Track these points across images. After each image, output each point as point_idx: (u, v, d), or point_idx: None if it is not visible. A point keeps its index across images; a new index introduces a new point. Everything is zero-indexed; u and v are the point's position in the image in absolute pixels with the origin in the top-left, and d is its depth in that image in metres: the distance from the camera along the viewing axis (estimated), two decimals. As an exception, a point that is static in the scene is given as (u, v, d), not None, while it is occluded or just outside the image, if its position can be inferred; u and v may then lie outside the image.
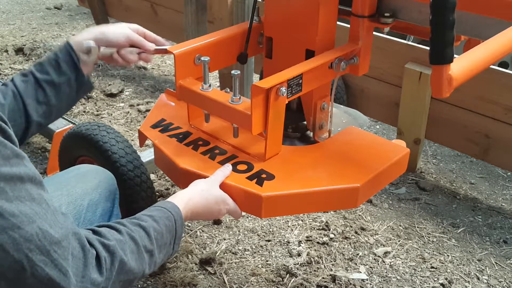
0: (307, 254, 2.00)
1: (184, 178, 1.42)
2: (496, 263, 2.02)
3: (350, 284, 1.87)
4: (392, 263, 2.00)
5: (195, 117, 1.60)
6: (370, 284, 1.90)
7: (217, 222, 2.16)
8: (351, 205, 1.40)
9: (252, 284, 1.87)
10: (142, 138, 1.61)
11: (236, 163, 1.42)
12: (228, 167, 1.37)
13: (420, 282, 1.92)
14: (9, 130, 0.90)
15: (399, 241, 2.11)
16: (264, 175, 1.37)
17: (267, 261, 1.98)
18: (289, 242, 2.07)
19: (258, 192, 1.31)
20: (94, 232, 1.00)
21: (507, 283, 1.93)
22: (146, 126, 1.62)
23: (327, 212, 2.22)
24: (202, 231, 2.12)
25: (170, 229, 1.14)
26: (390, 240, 2.11)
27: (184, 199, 1.23)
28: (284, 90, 1.31)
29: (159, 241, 1.11)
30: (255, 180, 1.35)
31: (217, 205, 1.30)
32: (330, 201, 1.37)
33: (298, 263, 1.96)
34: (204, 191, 1.28)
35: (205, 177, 1.36)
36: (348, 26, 1.48)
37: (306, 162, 1.45)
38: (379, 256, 2.02)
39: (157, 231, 1.10)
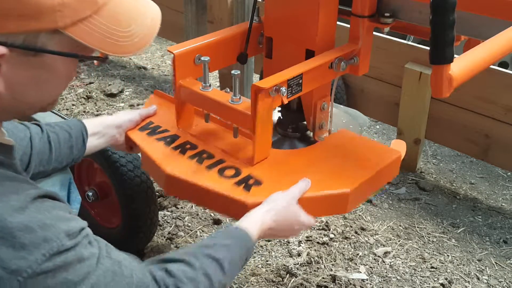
0: (307, 254, 2.00)
1: (170, 184, 1.39)
2: (496, 263, 2.02)
3: (350, 284, 1.87)
4: (392, 263, 2.00)
5: (183, 120, 1.57)
6: (370, 284, 1.90)
7: (217, 222, 2.16)
8: (341, 210, 1.37)
9: (252, 284, 1.87)
10: (129, 141, 1.57)
11: (224, 168, 1.39)
12: (306, 181, 1.31)
13: (420, 282, 1.92)
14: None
15: (399, 241, 2.11)
16: (251, 181, 1.34)
17: (267, 261, 1.98)
18: (289, 242, 2.07)
19: (244, 200, 1.28)
20: (167, 272, 1.02)
21: (507, 283, 1.93)
22: (134, 129, 1.58)
23: (327, 212, 2.22)
24: (202, 231, 2.12)
25: (242, 257, 1.14)
26: (390, 240, 2.11)
27: (257, 223, 1.20)
28: (284, 90, 1.31)
29: (232, 272, 1.11)
30: (242, 185, 1.32)
31: (290, 226, 1.27)
32: (319, 206, 1.33)
33: (298, 263, 1.96)
34: (278, 213, 1.23)
35: (190, 183, 1.33)
36: (348, 26, 1.48)
37: (295, 166, 1.42)
38: (379, 256, 2.03)
39: (231, 263, 1.10)
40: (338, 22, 1.49)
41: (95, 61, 0.98)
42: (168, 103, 1.68)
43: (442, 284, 1.90)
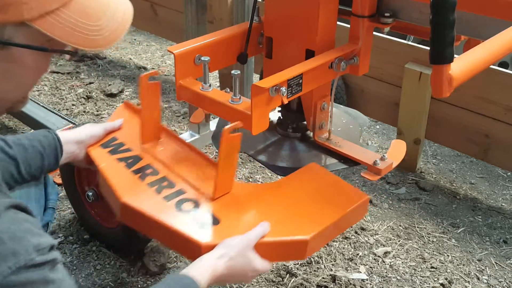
0: (307, 254, 2.00)
1: (125, 213, 1.33)
2: (496, 263, 2.02)
3: (350, 284, 1.87)
4: (392, 263, 2.00)
5: (148, 139, 1.50)
6: (370, 284, 1.90)
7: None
8: (299, 257, 1.32)
9: (252, 284, 1.87)
10: (89, 157, 1.49)
11: (183, 200, 1.33)
12: (264, 226, 1.25)
13: (420, 282, 1.92)
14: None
15: (399, 241, 2.11)
16: (209, 219, 1.28)
17: (267, 261, 1.98)
18: (289, 242, 2.07)
19: (199, 240, 1.21)
20: None
21: (507, 283, 1.93)
22: (96, 145, 1.51)
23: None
24: (202, 231, 2.12)
25: None
26: (390, 240, 2.11)
27: (208, 270, 1.15)
28: (284, 90, 1.31)
29: None
30: (199, 223, 1.26)
31: (243, 273, 1.22)
32: (276, 252, 1.27)
33: (298, 263, 1.96)
34: (231, 260, 1.18)
35: (145, 215, 1.27)
36: (348, 26, 1.48)
37: (257, 205, 1.35)
38: (379, 256, 2.03)
39: None
40: (338, 22, 1.49)
41: (66, 56, 0.97)
42: (137, 116, 1.61)
43: (442, 284, 1.90)
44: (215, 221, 1.27)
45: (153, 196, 1.33)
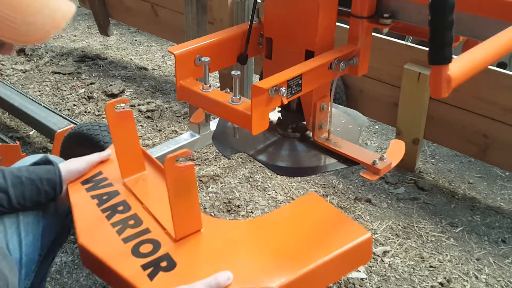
0: (307, 254, 2.01)
1: (83, 255, 1.25)
2: (494, 262, 2.03)
3: (349, 283, 1.88)
4: (391, 262, 2.01)
5: (128, 173, 1.42)
6: (369, 283, 1.91)
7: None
8: None
9: (252, 283, 1.88)
10: (67, 198, 1.39)
11: (143, 241, 1.21)
12: (218, 278, 1.07)
13: (419, 281, 1.93)
14: None
15: (398, 240, 2.12)
16: (164, 263, 1.14)
17: (267, 260, 1.99)
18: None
19: None
20: None
21: (505, 282, 1.94)
22: (77, 180, 1.43)
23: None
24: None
25: None
26: (389, 239, 2.12)
27: None
28: (284, 91, 1.32)
29: None
30: (150, 269, 1.13)
31: None
32: None
33: (297, 262, 1.97)
34: None
35: (97, 258, 1.17)
36: (348, 27, 1.49)
37: (228, 245, 1.21)
38: (378, 255, 2.04)
39: None
40: (337, 23, 1.50)
41: None
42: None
43: (440, 283, 1.91)
44: (171, 266, 1.14)
45: (111, 237, 1.23)
